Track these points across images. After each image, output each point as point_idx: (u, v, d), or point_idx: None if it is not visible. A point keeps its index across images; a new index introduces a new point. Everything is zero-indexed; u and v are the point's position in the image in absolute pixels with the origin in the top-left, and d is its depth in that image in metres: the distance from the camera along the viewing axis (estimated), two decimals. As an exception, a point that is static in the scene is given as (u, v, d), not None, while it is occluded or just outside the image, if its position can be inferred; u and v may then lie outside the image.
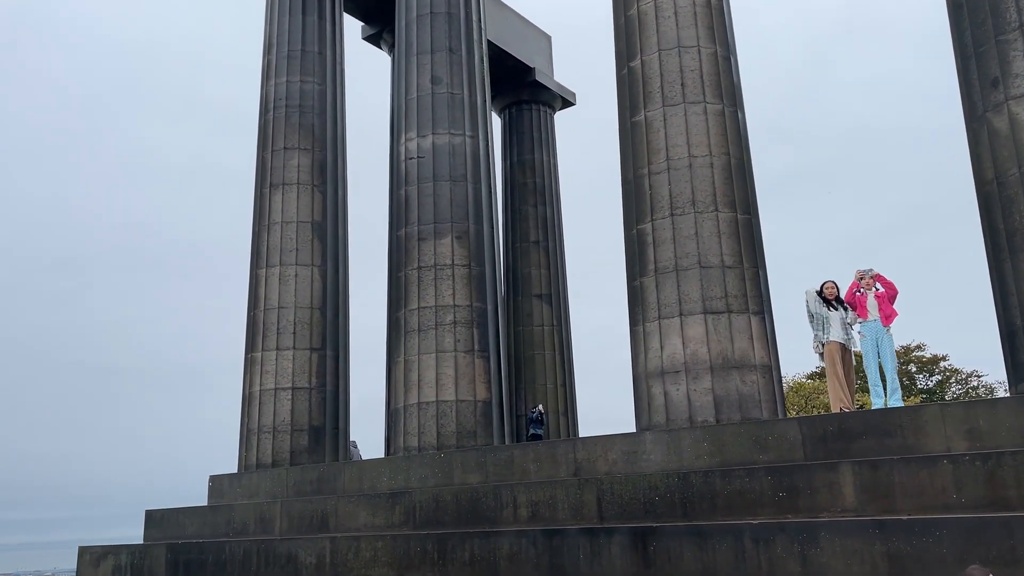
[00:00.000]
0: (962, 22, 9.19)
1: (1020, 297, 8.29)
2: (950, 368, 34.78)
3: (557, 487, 9.96)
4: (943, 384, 34.54)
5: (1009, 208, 8.46)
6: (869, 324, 9.68)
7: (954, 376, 34.84)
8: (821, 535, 7.63)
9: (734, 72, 11.28)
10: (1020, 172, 8.35)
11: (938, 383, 34.50)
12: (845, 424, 8.58)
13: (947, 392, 33.81)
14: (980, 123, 8.90)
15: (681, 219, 10.30)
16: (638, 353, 10.52)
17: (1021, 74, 8.45)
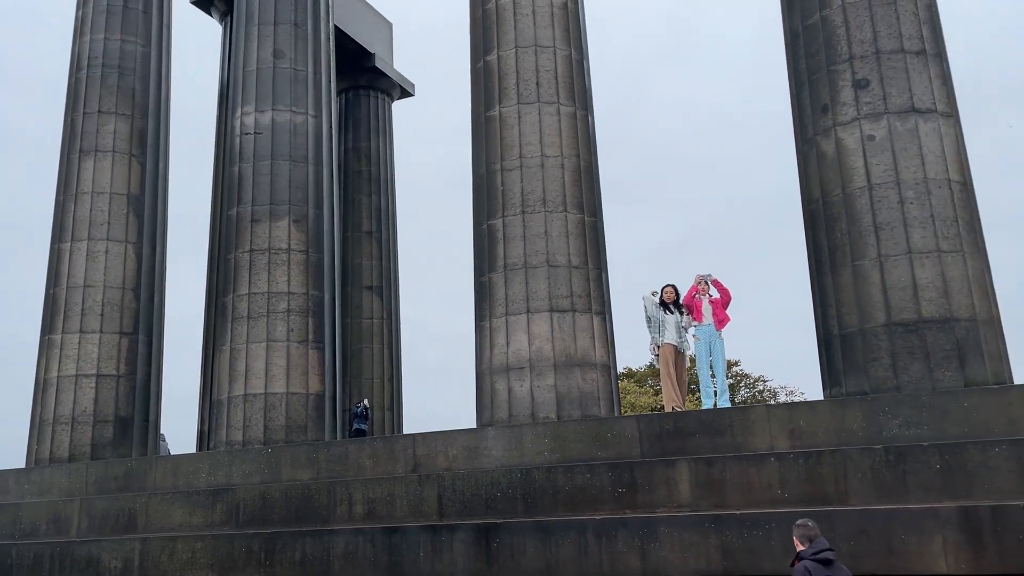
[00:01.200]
0: (798, 51, 9.89)
1: (838, 308, 9.03)
2: (741, 373, 37.80)
3: (396, 484, 9.69)
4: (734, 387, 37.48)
5: (832, 226, 9.19)
6: (703, 328, 10.19)
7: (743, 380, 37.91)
8: (660, 530, 7.91)
9: (586, 76, 11.52)
10: (844, 193, 9.09)
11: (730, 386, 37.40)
12: (680, 423, 8.95)
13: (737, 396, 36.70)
14: (810, 146, 9.61)
15: (532, 217, 10.35)
16: (483, 349, 10.45)
17: (848, 102, 9.20)
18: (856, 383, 8.77)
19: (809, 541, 5.70)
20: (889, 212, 8.85)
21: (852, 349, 8.86)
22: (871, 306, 8.76)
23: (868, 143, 9.06)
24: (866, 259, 8.87)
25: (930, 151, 8.91)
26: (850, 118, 9.20)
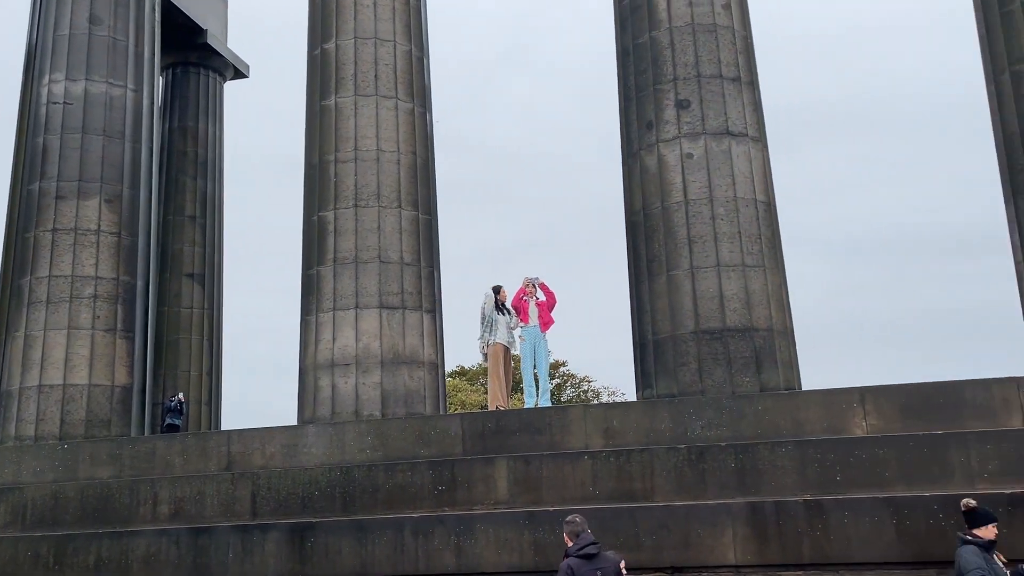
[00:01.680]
0: (628, 67, 10.36)
1: (653, 315, 9.54)
2: (568, 373, 39.12)
3: (207, 482, 9.25)
4: (561, 387, 38.72)
5: (651, 237, 9.70)
6: (529, 329, 10.46)
7: (570, 380, 39.26)
8: (477, 527, 8.03)
9: (426, 74, 11.50)
10: (663, 206, 9.62)
11: (557, 386, 38.59)
12: (502, 421, 9.13)
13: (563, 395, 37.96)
14: (634, 160, 10.09)
15: (365, 211, 10.21)
16: (308, 344, 10.19)
17: (671, 121, 9.75)
18: (666, 386, 9.29)
19: (576, 537, 5.96)
20: (702, 227, 9.45)
21: (664, 354, 9.39)
22: (682, 314, 9.32)
23: (687, 161, 9.64)
24: (680, 270, 9.43)
25: (740, 172, 9.60)
26: (672, 136, 9.74)
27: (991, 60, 9.77)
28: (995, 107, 9.75)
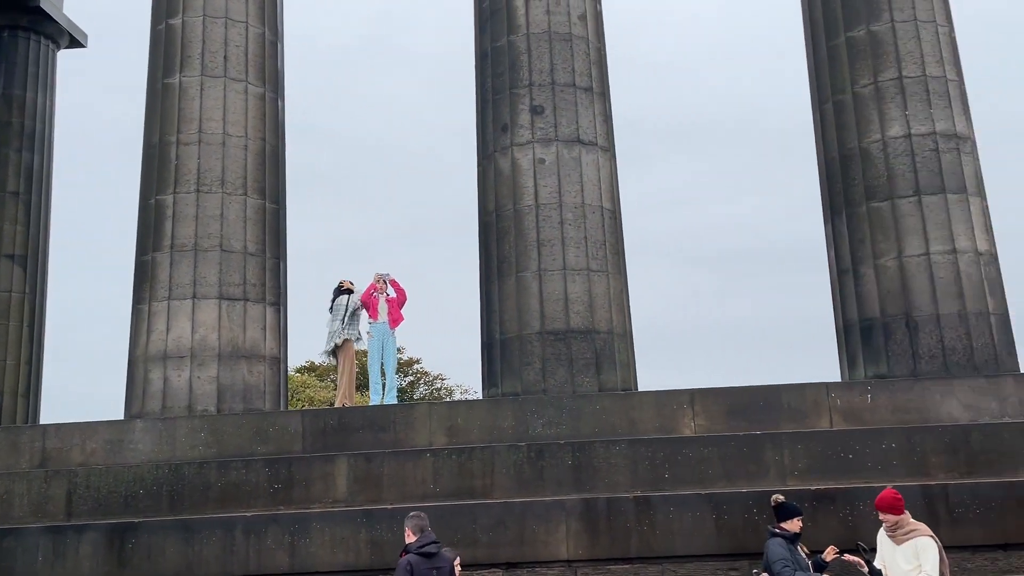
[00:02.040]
0: (486, 70, 10.46)
1: (501, 315, 9.67)
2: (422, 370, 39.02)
3: (16, 480, 8.57)
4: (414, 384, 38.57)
5: (503, 238, 9.83)
6: (378, 325, 10.35)
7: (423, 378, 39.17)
8: (313, 526, 7.85)
9: (279, 59, 11.14)
10: (515, 209, 9.78)
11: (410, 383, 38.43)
12: (345, 418, 8.98)
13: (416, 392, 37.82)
14: (489, 161, 10.20)
15: (208, 197, 9.76)
16: (140, 334, 9.63)
17: (525, 125, 9.92)
18: (511, 385, 9.44)
19: (420, 532, 5.99)
20: (551, 230, 9.68)
21: (510, 353, 9.54)
22: (529, 315, 9.51)
23: (539, 166, 9.84)
24: (528, 271, 9.61)
25: (589, 179, 9.90)
26: (526, 140, 9.92)
27: (817, 89, 10.58)
28: (819, 133, 10.56)
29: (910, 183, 9.58)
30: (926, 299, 9.31)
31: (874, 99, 9.86)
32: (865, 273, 9.72)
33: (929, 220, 9.46)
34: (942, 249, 9.37)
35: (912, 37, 9.81)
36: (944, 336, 9.18)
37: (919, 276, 9.37)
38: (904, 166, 9.63)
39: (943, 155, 9.58)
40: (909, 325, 9.33)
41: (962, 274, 9.31)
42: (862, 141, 9.90)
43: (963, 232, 9.43)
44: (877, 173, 9.75)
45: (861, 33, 10.02)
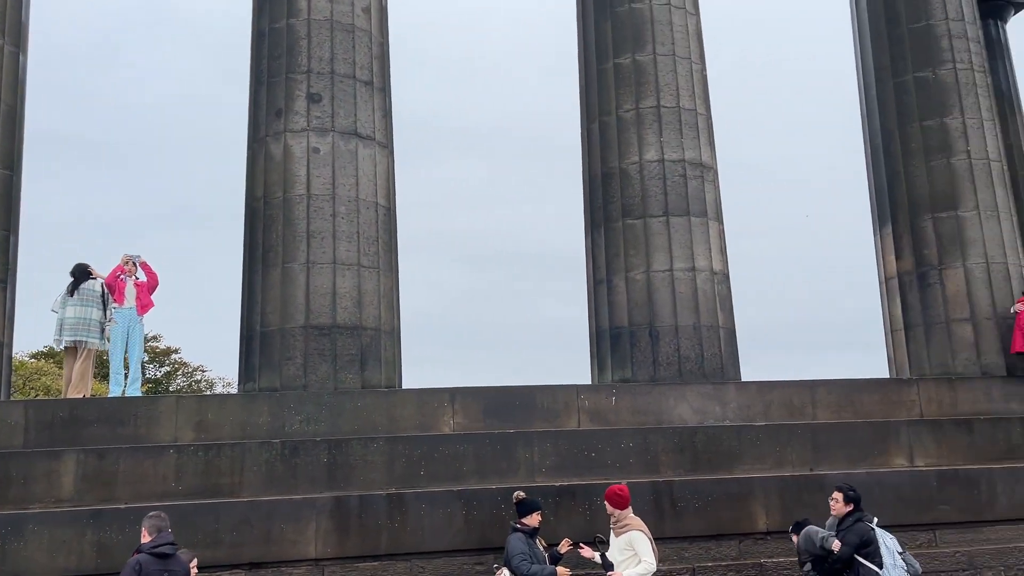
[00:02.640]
0: (262, 50, 10.02)
1: (264, 306, 9.30)
2: (180, 361, 36.60)
3: None
4: (171, 375, 36.09)
5: (270, 226, 9.47)
6: (124, 311, 9.55)
7: (182, 369, 36.77)
8: (29, 527, 7.12)
9: (24, 9, 9.98)
10: (284, 197, 9.45)
11: (166, 374, 35.91)
12: (78, 410, 8.22)
13: (173, 383, 35.42)
14: (260, 145, 9.79)
15: (-79, 154, 8.52)
16: None
17: (301, 112, 9.63)
18: (269, 379, 9.11)
19: (157, 532, 5.68)
20: (322, 223, 9.46)
21: (271, 347, 9.20)
22: (294, 308, 9.22)
23: (313, 155, 9.58)
24: (296, 263, 9.33)
25: (365, 174, 9.80)
26: (300, 128, 9.63)
27: (586, 108, 11.22)
28: (585, 150, 11.21)
29: (661, 204, 10.42)
30: (668, 311, 10.17)
31: (635, 124, 10.62)
32: (617, 284, 10.44)
33: (674, 239, 10.34)
34: (683, 267, 10.29)
35: (670, 70, 10.69)
36: (681, 345, 10.08)
37: (663, 290, 10.22)
38: (657, 188, 10.46)
39: (690, 181, 10.53)
40: (652, 334, 10.15)
41: (699, 290, 10.28)
42: (622, 161, 10.64)
43: (702, 252, 10.41)
44: (634, 192, 10.52)
45: (627, 61, 10.77)
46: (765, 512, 8.24)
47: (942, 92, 11.42)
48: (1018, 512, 8.78)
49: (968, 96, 11.40)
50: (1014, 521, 8.75)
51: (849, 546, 6.68)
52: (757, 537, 8.19)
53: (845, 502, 6.98)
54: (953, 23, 11.59)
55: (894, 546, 6.84)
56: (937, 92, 11.44)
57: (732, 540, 8.22)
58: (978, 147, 11.28)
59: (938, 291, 11.12)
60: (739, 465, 8.91)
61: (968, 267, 10.98)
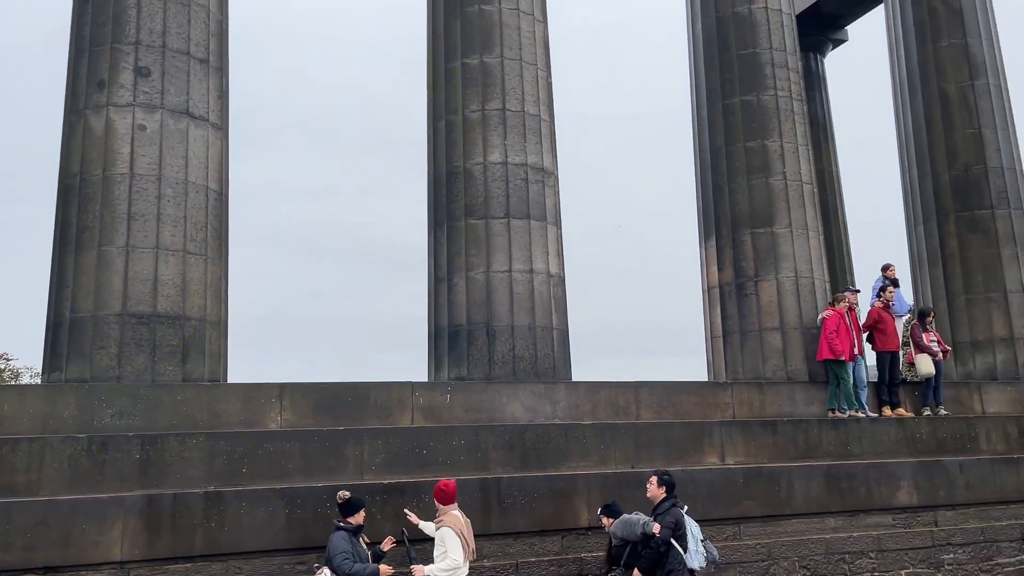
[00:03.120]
0: (85, 16, 9.31)
1: (75, 291, 8.63)
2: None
3: None
4: (-33, 363, 32.89)
5: (86, 205, 8.80)
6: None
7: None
8: None
9: None
10: (104, 175, 8.81)
11: (-38, 362, 32.70)
12: None
13: (-29, 372, 32.29)
14: (79, 118, 9.08)
15: None
16: None
17: (127, 86, 9.01)
18: (78, 370, 8.47)
19: None
20: (146, 205, 8.90)
21: (81, 335, 8.55)
22: (110, 294, 8.62)
23: (139, 132, 9.00)
24: (114, 246, 8.73)
25: (196, 156, 9.31)
26: (126, 102, 9.02)
27: (434, 106, 11.21)
28: (431, 147, 11.20)
29: (503, 206, 10.58)
30: (505, 311, 10.33)
31: (481, 125, 10.72)
32: (458, 283, 10.50)
33: (514, 241, 10.52)
34: (522, 268, 10.49)
35: (517, 75, 10.88)
36: (516, 345, 10.27)
37: (501, 290, 10.37)
38: (499, 190, 10.60)
39: (531, 185, 10.75)
40: (489, 333, 10.27)
41: (536, 291, 10.51)
42: (467, 161, 10.71)
43: (540, 255, 10.65)
44: (477, 193, 10.61)
45: (475, 62, 10.85)
46: (588, 508, 8.53)
47: (764, 116, 12.29)
48: (812, 507, 9.57)
49: (787, 121, 12.32)
50: (808, 515, 9.53)
51: (668, 528, 7.05)
52: (579, 532, 8.46)
53: (659, 485, 7.35)
54: (776, 53, 12.49)
55: (698, 533, 7.29)
56: (760, 116, 12.30)
57: (556, 535, 8.46)
58: (793, 169, 12.22)
59: (753, 301, 11.94)
60: (566, 462, 9.19)
61: (780, 280, 11.86)
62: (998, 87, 14.46)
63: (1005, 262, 13.61)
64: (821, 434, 10.53)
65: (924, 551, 9.67)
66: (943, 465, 10.53)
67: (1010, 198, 13.91)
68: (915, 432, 11.11)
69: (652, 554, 7.05)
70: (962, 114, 14.26)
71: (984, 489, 10.62)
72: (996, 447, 11.51)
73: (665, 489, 7.34)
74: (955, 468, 10.57)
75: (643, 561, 7.10)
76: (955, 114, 14.31)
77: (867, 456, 10.58)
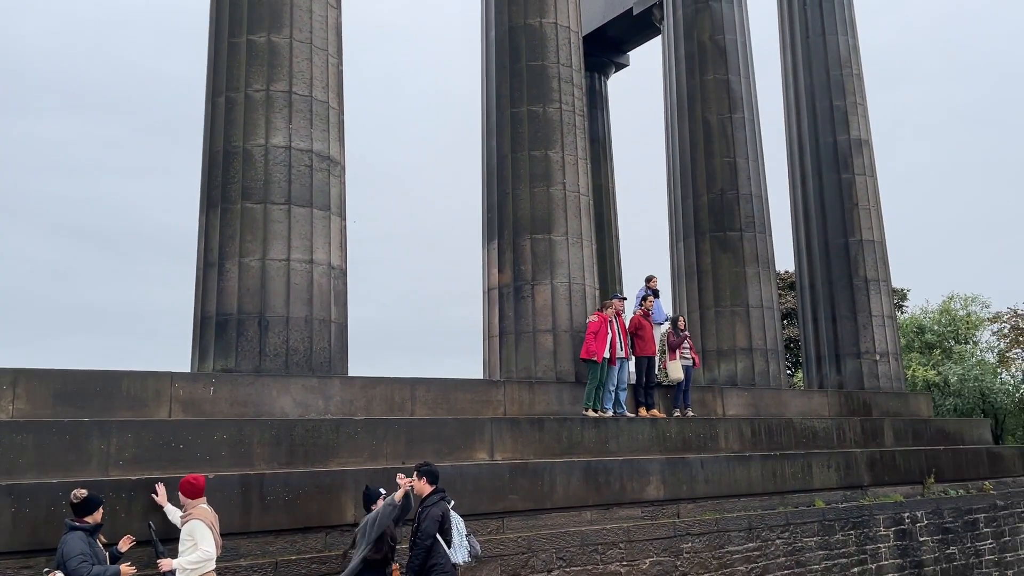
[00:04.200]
0: None
1: None
2: None
3: None
4: None
5: None
6: None
7: None
8: None
9: None
10: None
11: None
12: None
13: None
14: None
15: None
16: None
17: None
18: None
19: None
20: None
21: None
22: None
23: None
24: None
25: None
26: None
27: (214, 82, 10.58)
28: (208, 125, 10.55)
29: (284, 192, 10.19)
30: (281, 301, 9.95)
31: (264, 105, 10.27)
32: (230, 269, 9.97)
33: (295, 229, 10.17)
34: (302, 258, 10.16)
35: (306, 58, 10.54)
36: (290, 337, 9.93)
37: (278, 279, 9.99)
38: (281, 175, 10.21)
39: (316, 173, 10.45)
40: (262, 324, 9.85)
41: (315, 283, 10.23)
42: (247, 142, 10.21)
43: (322, 246, 10.38)
44: (256, 176, 10.14)
45: (262, 40, 10.38)
46: (355, 504, 8.40)
47: (549, 127, 12.81)
48: (571, 501, 10.08)
49: (569, 134, 12.93)
50: (567, 509, 10.03)
51: (435, 521, 7.10)
52: (344, 529, 8.31)
53: (419, 477, 7.39)
54: (563, 68, 13.07)
55: (463, 528, 7.42)
56: (545, 127, 12.80)
57: (319, 533, 8.25)
58: (573, 181, 12.84)
59: (529, 304, 12.40)
60: (335, 458, 9.00)
61: (555, 285, 12.41)
62: (752, 121, 16.10)
63: (749, 279, 15.17)
64: (584, 432, 11.13)
65: (667, 541, 10.49)
66: (687, 462, 11.51)
67: (756, 222, 15.52)
68: (665, 431, 12.05)
69: (420, 551, 7.08)
70: (721, 143, 15.72)
71: (720, 484, 11.73)
72: (732, 446, 12.78)
73: (427, 480, 7.38)
74: (697, 465, 11.58)
75: (412, 559, 7.12)
76: (715, 142, 15.75)
77: (623, 453, 11.33)
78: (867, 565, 12.56)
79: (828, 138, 18.21)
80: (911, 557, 13.23)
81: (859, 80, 18.60)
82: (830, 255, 17.88)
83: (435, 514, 7.19)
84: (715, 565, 10.85)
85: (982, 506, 14.75)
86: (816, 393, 15.87)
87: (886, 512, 13.08)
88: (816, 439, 14.06)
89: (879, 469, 13.97)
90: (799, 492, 12.61)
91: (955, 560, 13.90)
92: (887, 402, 16.73)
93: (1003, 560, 14.77)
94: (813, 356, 18.15)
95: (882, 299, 17.67)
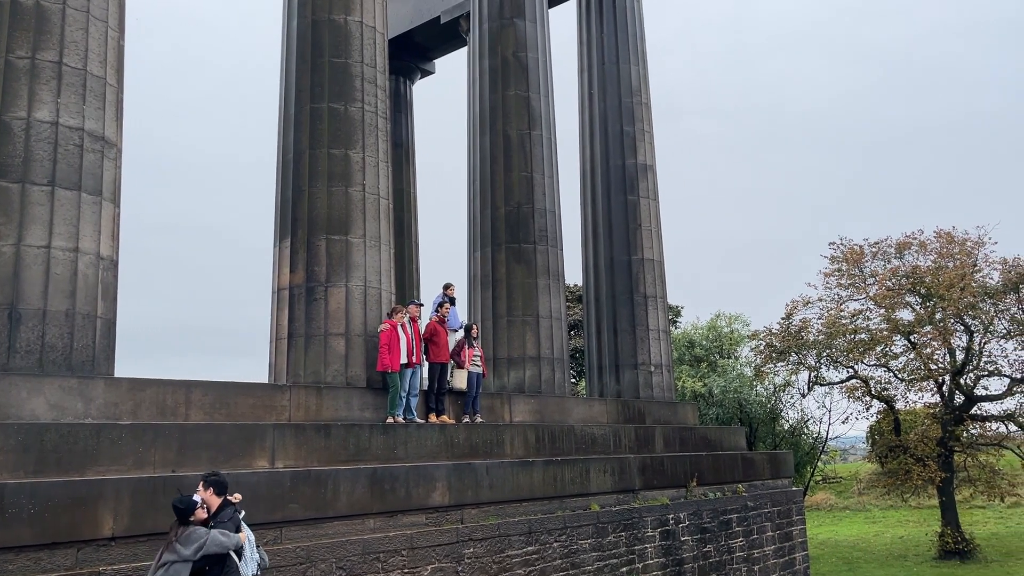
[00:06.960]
0: None
1: None
2: None
3: None
4: None
5: None
6: None
7: None
8: None
9: None
10: None
11: None
12: None
13: None
14: None
15: None
16: None
17: None
18: None
19: None
20: None
21: None
22: None
23: None
24: None
25: None
26: None
27: None
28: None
29: (47, 172, 9.22)
30: (37, 292, 8.98)
31: (28, 74, 9.24)
32: (-24, 254, 8.85)
33: (58, 214, 9.23)
34: (65, 246, 9.23)
35: (82, 28, 9.61)
36: (47, 333, 8.98)
37: (35, 268, 9.01)
38: (45, 153, 9.23)
39: (87, 154, 9.54)
40: (13, 317, 8.83)
41: (79, 274, 9.32)
42: (6, 114, 9.14)
43: (90, 234, 9.49)
44: (15, 152, 9.10)
45: (30, 3, 9.34)
46: (114, 516, 7.72)
47: (350, 127, 12.56)
48: (355, 508, 9.87)
49: (371, 135, 12.74)
50: (350, 517, 9.80)
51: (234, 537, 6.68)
52: (100, 543, 7.60)
53: (206, 488, 6.88)
54: (367, 68, 12.88)
55: (253, 540, 7.04)
56: (346, 125, 12.54)
57: (71, 548, 7.48)
58: (373, 183, 12.66)
59: (322, 306, 12.05)
60: (94, 466, 8.23)
61: (350, 288, 12.16)
62: (549, 139, 16.73)
63: (540, 290, 15.71)
64: (372, 438, 10.96)
65: (449, 547, 10.56)
66: (473, 468, 11.66)
67: (549, 236, 16.12)
68: (454, 437, 12.16)
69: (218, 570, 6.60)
70: (520, 158, 16.19)
71: (503, 489, 12.00)
72: (517, 451, 13.12)
73: (214, 491, 6.91)
74: (483, 470, 11.78)
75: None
76: (515, 157, 16.19)
77: (411, 459, 11.28)
78: (635, 565, 13.36)
79: (618, 161, 19.32)
80: (673, 556, 14.24)
81: (647, 108, 19.91)
82: (615, 271, 18.94)
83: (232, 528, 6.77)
84: (495, 569, 11.06)
85: (735, 507, 16.20)
86: (596, 401, 16.70)
87: (653, 514, 14.00)
88: (595, 445, 14.78)
89: (649, 474, 14.94)
90: (577, 496, 13.18)
91: (711, 557, 15.14)
92: (659, 411, 17.95)
93: (751, 556, 16.29)
94: (596, 366, 19.12)
95: (659, 314, 18.97)
